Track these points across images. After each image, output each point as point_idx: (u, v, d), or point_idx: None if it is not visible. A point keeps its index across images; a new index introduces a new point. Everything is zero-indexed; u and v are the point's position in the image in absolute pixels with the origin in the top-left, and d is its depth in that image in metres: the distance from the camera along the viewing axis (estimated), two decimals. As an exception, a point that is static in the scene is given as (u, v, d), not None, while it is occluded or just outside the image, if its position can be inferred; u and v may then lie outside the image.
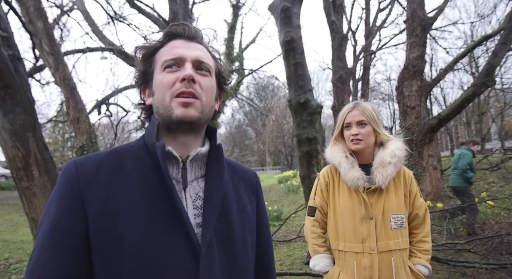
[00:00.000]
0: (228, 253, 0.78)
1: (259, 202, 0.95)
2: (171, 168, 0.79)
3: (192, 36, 0.84)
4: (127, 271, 0.68)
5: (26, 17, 6.48)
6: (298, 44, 4.63)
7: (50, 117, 12.29)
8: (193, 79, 0.77)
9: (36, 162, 2.64)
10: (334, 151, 1.72)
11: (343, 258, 1.63)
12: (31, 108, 2.67)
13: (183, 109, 0.76)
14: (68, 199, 0.71)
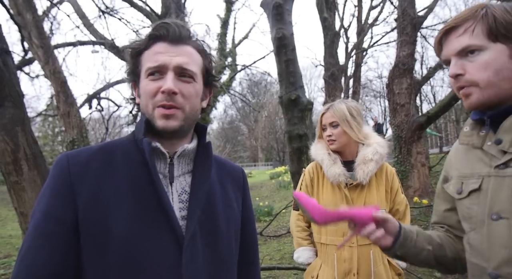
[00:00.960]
0: (211, 246, 0.82)
1: (245, 198, 0.98)
2: (159, 163, 0.82)
3: (177, 38, 0.81)
4: (114, 260, 0.71)
5: (15, 9, 6.38)
6: (290, 41, 4.65)
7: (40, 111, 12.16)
8: (174, 92, 0.77)
9: (25, 157, 2.63)
10: (317, 149, 1.78)
11: (324, 251, 1.69)
12: (20, 102, 2.65)
13: (164, 120, 0.78)
14: (60, 190, 0.74)
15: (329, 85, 8.96)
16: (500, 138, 0.81)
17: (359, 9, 12.44)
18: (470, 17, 0.83)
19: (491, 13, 0.80)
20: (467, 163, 0.92)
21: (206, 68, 0.87)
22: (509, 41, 0.79)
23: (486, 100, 0.82)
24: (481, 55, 0.81)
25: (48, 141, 25.22)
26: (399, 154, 6.74)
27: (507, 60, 0.79)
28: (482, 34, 0.81)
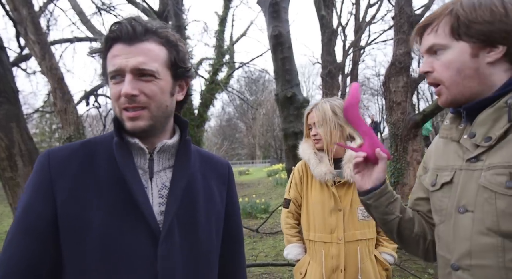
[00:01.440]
0: (190, 240, 0.83)
1: (230, 192, 0.99)
2: (138, 159, 0.83)
3: (131, 37, 0.78)
4: (91, 255, 0.73)
5: (11, 4, 6.32)
6: (286, 39, 4.66)
7: (37, 107, 12.11)
8: (133, 95, 0.76)
9: (20, 153, 2.64)
10: (304, 148, 1.82)
11: (312, 248, 1.73)
12: (14, 98, 2.66)
13: (130, 122, 0.79)
14: (40, 186, 0.76)
15: (326, 83, 8.96)
16: (474, 132, 0.81)
17: (356, 7, 12.44)
18: (438, 16, 0.83)
19: (455, 11, 0.80)
20: (444, 156, 0.92)
21: (173, 60, 0.84)
22: (472, 40, 0.78)
23: (453, 98, 0.84)
24: (444, 54, 0.82)
25: (45, 137, 25.13)
26: (395, 151, 6.78)
27: (469, 59, 0.79)
28: (445, 32, 0.81)
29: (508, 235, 0.73)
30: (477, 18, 0.77)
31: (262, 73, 13.90)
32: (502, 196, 0.73)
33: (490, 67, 0.79)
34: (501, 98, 0.78)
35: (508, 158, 0.74)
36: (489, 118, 0.78)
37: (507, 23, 0.75)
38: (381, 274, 1.69)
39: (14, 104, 2.66)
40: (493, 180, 0.75)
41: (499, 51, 0.77)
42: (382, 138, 17.54)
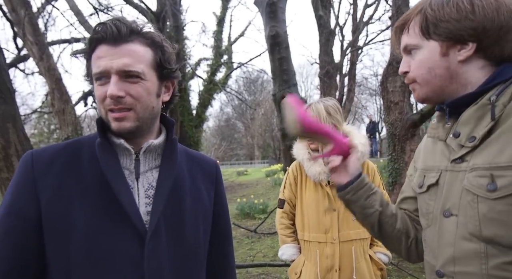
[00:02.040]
0: (177, 239, 0.83)
1: (217, 191, 0.99)
2: (124, 159, 0.82)
3: (116, 38, 0.77)
4: (76, 255, 0.73)
5: (9, 5, 6.33)
6: (283, 39, 4.68)
7: (35, 108, 12.10)
8: (119, 96, 0.76)
9: (16, 153, 2.64)
10: (298, 148, 1.82)
11: (307, 248, 1.73)
12: (11, 99, 2.66)
13: (117, 123, 0.78)
14: (23, 187, 0.76)
15: (324, 83, 8.97)
16: (458, 131, 0.78)
17: (354, 7, 12.46)
18: (409, 16, 0.83)
19: (424, 11, 0.79)
20: (431, 156, 0.90)
21: (158, 61, 0.83)
22: (441, 38, 0.77)
23: (425, 96, 0.83)
24: (417, 54, 0.81)
25: (43, 138, 25.08)
26: (393, 151, 6.78)
27: (439, 58, 0.78)
28: (416, 32, 0.81)
29: (490, 240, 0.69)
30: (444, 16, 0.76)
31: (260, 73, 13.94)
32: (483, 199, 0.70)
33: (462, 65, 0.77)
34: (484, 95, 0.75)
35: (491, 159, 0.71)
36: (473, 116, 0.75)
37: (474, 20, 0.74)
38: (376, 274, 1.70)
39: (11, 104, 2.66)
40: (475, 182, 0.72)
41: (469, 49, 0.75)
42: (380, 138, 17.57)
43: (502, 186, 0.68)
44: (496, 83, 0.74)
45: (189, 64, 11.63)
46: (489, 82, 0.75)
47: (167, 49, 0.84)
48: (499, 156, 0.69)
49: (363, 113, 23.37)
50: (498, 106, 0.72)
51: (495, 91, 0.74)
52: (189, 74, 11.67)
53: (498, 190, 0.68)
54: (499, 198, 0.68)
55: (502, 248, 0.68)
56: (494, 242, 0.69)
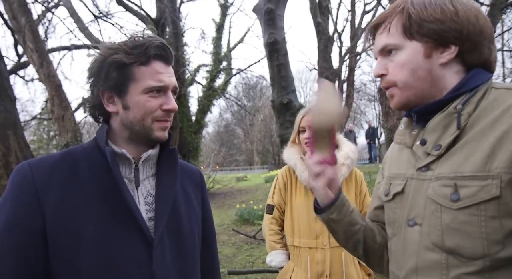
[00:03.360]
0: (177, 243, 0.87)
1: (203, 197, 1.04)
2: (124, 169, 0.85)
3: (170, 60, 0.88)
4: (86, 263, 0.74)
5: (10, 13, 6.39)
6: (282, 46, 4.72)
7: (34, 114, 12.12)
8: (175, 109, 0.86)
9: (17, 160, 2.65)
10: (290, 153, 1.81)
11: (297, 254, 1.72)
12: (11, 106, 2.68)
13: (163, 132, 0.86)
14: (25, 199, 0.75)
15: (323, 89, 9.02)
16: (425, 139, 0.76)
17: (352, 13, 12.57)
18: (390, 15, 0.79)
19: (407, 9, 0.75)
20: (397, 163, 0.87)
21: None
22: (424, 39, 0.74)
23: (406, 100, 0.78)
24: (398, 54, 0.77)
25: (43, 144, 25.05)
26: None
27: (422, 60, 0.75)
28: (398, 32, 0.77)
29: (452, 251, 0.68)
30: (429, 17, 0.73)
31: (259, 79, 13.99)
32: (446, 209, 0.69)
33: (442, 68, 0.75)
34: (451, 103, 0.73)
35: (455, 168, 0.69)
36: (440, 124, 0.74)
37: (458, 22, 0.72)
38: None
39: (11, 112, 2.68)
40: (439, 192, 0.71)
41: (452, 52, 0.74)
42: (379, 144, 17.59)
43: (465, 196, 0.67)
44: (463, 91, 0.73)
45: (188, 70, 11.70)
46: (457, 89, 0.74)
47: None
48: (463, 165, 0.68)
49: (362, 119, 23.43)
50: (463, 115, 0.71)
51: (461, 99, 0.73)
52: (189, 80, 11.73)
53: (461, 200, 0.67)
54: (462, 208, 0.67)
55: (463, 259, 0.67)
56: (456, 253, 0.67)
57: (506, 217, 0.63)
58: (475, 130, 0.69)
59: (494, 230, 0.64)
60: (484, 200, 0.64)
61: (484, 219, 0.65)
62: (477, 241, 0.65)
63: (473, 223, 0.65)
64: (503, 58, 10.44)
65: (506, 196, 0.63)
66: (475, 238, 0.65)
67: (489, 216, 0.64)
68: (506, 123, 0.66)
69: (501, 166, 0.64)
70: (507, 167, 0.63)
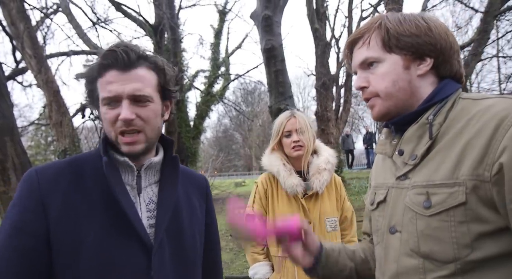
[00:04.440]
0: (177, 250, 0.87)
1: (208, 204, 1.04)
2: (127, 175, 0.86)
3: (126, 64, 0.81)
4: (85, 268, 0.75)
5: (8, 19, 6.41)
6: (279, 52, 4.76)
7: (32, 120, 12.11)
8: (131, 119, 0.80)
9: (14, 167, 2.66)
10: (272, 160, 1.76)
11: (283, 264, 1.66)
12: (9, 112, 2.69)
13: (128, 147, 0.83)
14: (30, 204, 0.77)
15: (320, 95, 9.06)
16: (402, 149, 0.80)
17: (349, 19, 12.64)
18: (368, 30, 0.83)
19: (384, 25, 0.80)
20: (381, 173, 0.90)
21: (162, 83, 0.88)
22: (403, 52, 0.79)
23: (387, 110, 0.82)
24: (379, 67, 0.81)
25: (40, 150, 24.96)
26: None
27: (402, 71, 0.79)
28: (378, 45, 0.81)
29: (427, 256, 0.71)
30: (405, 31, 0.78)
31: (257, 84, 14.04)
32: (421, 216, 0.72)
33: (420, 79, 0.80)
34: (424, 114, 0.78)
35: (428, 176, 0.73)
36: (414, 135, 0.78)
37: (431, 37, 0.77)
38: None
39: (9, 118, 2.69)
40: (414, 200, 0.74)
41: (428, 64, 0.78)
42: (377, 149, 17.56)
43: (436, 203, 0.70)
44: (434, 102, 0.78)
45: (187, 76, 11.72)
46: (428, 100, 0.78)
47: (168, 72, 0.89)
48: (434, 174, 0.72)
49: (360, 124, 23.48)
50: (435, 126, 0.75)
51: (433, 110, 0.77)
52: (187, 86, 11.75)
53: (432, 207, 0.71)
54: (434, 214, 0.70)
55: (437, 263, 0.70)
56: (430, 258, 0.71)
57: (472, 221, 0.67)
58: (445, 140, 0.73)
59: (463, 235, 0.67)
60: (452, 206, 0.68)
61: (454, 225, 0.68)
62: (448, 246, 0.69)
63: (444, 229, 0.69)
64: (498, 64, 10.53)
65: (471, 201, 0.67)
66: (446, 243, 0.69)
67: (457, 221, 0.68)
68: (469, 132, 0.69)
69: (466, 173, 0.67)
70: (471, 174, 0.67)
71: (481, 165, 0.66)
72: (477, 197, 0.66)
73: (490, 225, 0.66)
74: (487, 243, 0.66)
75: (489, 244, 0.66)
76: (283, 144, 1.74)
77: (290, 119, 1.73)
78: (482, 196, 0.66)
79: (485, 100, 0.72)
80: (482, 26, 5.73)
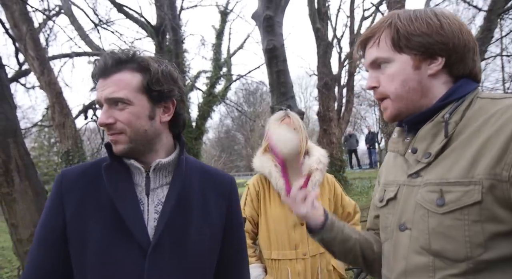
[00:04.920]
0: (180, 254, 0.87)
1: (231, 207, 1.00)
2: (137, 177, 0.89)
3: (105, 71, 0.85)
4: (89, 264, 0.81)
5: (11, 21, 6.44)
6: (281, 52, 4.75)
7: (35, 122, 12.15)
8: (107, 124, 0.84)
9: (17, 168, 2.66)
10: (263, 161, 1.73)
11: (276, 267, 1.64)
12: (12, 114, 2.70)
13: (114, 146, 0.87)
14: (53, 202, 0.87)
15: (322, 95, 9.05)
16: (415, 147, 0.79)
17: (351, 19, 12.63)
18: (378, 29, 0.82)
19: (394, 24, 0.79)
20: (392, 170, 0.90)
21: (146, 85, 0.86)
22: (413, 52, 0.77)
23: (398, 112, 0.82)
24: (388, 67, 0.80)
25: (43, 151, 25.06)
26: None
27: (412, 71, 0.78)
28: (387, 45, 0.80)
29: (438, 254, 0.71)
30: (416, 30, 0.76)
31: (259, 85, 14.02)
32: (433, 214, 0.72)
33: (431, 79, 0.78)
34: (439, 112, 0.77)
35: (441, 174, 0.73)
36: (429, 133, 0.77)
37: (443, 35, 0.75)
38: None
39: (12, 120, 2.70)
40: (426, 197, 0.74)
41: (439, 63, 0.77)
42: (379, 149, 17.57)
43: (449, 201, 0.70)
44: (450, 100, 0.77)
45: (188, 77, 11.73)
46: (444, 99, 0.77)
47: (154, 71, 0.87)
48: (449, 172, 0.71)
49: (362, 124, 23.43)
50: (451, 124, 0.74)
51: (449, 108, 0.76)
52: (189, 87, 11.76)
53: (446, 205, 0.70)
54: (447, 213, 0.70)
55: (448, 261, 0.70)
56: (442, 256, 0.71)
57: (487, 221, 0.66)
58: (461, 139, 0.72)
59: (476, 234, 0.67)
60: (467, 205, 0.68)
61: (467, 223, 0.68)
62: (461, 244, 0.68)
63: (457, 227, 0.69)
64: (502, 63, 10.47)
65: (487, 201, 0.66)
66: (459, 242, 0.68)
67: (471, 220, 0.67)
68: (487, 131, 0.68)
69: (482, 172, 0.67)
70: (488, 174, 0.66)
71: (499, 164, 0.65)
72: (493, 197, 0.66)
73: (505, 225, 0.66)
74: (501, 243, 0.66)
75: (503, 244, 0.66)
76: None
77: (284, 118, 1.70)
78: (499, 196, 0.65)
79: (505, 99, 0.72)
80: (485, 24, 5.70)
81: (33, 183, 2.74)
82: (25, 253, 2.60)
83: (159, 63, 0.89)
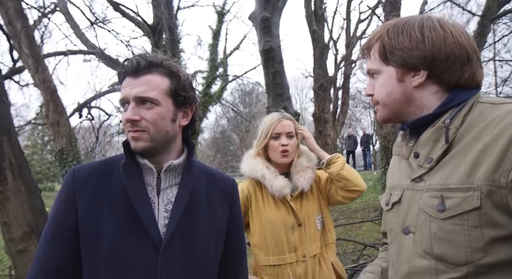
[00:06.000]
0: (189, 252, 0.91)
1: (233, 208, 1.05)
2: (148, 177, 0.93)
3: (136, 71, 0.90)
4: (102, 261, 0.83)
5: (6, 18, 6.38)
6: (277, 53, 4.76)
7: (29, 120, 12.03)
8: (133, 120, 0.88)
9: (11, 166, 2.64)
10: (253, 165, 1.66)
11: (276, 273, 1.58)
12: (6, 112, 2.68)
13: (133, 142, 0.90)
14: (65, 199, 0.89)
15: (318, 96, 9.08)
16: (418, 152, 0.81)
17: (347, 22, 12.68)
18: (371, 41, 0.86)
19: (382, 38, 0.83)
20: (397, 174, 0.92)
21: (173, 89, 0.93)
22: (396, 65, 0.81)
23: (386, 117, 0.86)
24: (378, 78, 0.85)
25: (37, 150, 24.86)
26: (386, 164, 6.85)
27: (396, 83, 0.82)
28: (376, 58, 0.85)
29: (440, 258, 0.73)
30: (398, 45, 0.80)
31: (255, 86, 14.02)
32: (434, 219, 0.74)
33: (418, 90, 0.81)
34: (440, 118, 0.78)
35: (443, 180, 0.74)
36: (430, 138, 0.79)
37: (423, 50, 0.78)
38: None
39: (6, 118, 2.68)
40: (428, 203, 0.76)
41: (421, 75, 0.79)
42: (374, 151, 17.66)
43: (449, 207, 0.71)
44: (450, 106, 0.78)
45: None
46: (445, 105, 0.79)
47: (183, 78, 0.94)
48: (450, 178, 0.73)
49: (357, 126, 23.54)
50: (451, 129, 0.75)
51: (449, 114, 0.77)
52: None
53: (446, 211, 0.72)
54: (447, 218, 0.72)
55: (450, 265, 0.71)
56: (443, 260, 0.72)
57: (486, 226, 0.67)
58: (462, 144, 0.73)
59: (476, 239, 0.68)
60: (466, 211, 0.69)
61: (467, 229, 0.69)
62: (461, 249, 0.69)
63: (457, 232, 0.70)
64: (495, 67, 10.58)
65: (486, 207, 0.67)
66: (459, 246, 0.70)
67: (471, 225, 0.68)
68: (486, 137, 0.69)
69: (481, 178, 0.68)
70: (486, 180, 0.67)
71: (497, 170, 0.66)
72: (492, 203, 0.67)
73: (504, 230, 0.67)
74: (500, 248, 0.67)
75: (502, 248, 0.67)
76: (270, 147, 1.64)
77: (281, 120, 1.64)
78: (497, 202, 0.66)
79: (504, 105, 0.72)
80: (479, 29, 5.76)
81: (26, 182, 2.73)
82: (17, 252, 2.58)
83: (183, 72, 0.97)
